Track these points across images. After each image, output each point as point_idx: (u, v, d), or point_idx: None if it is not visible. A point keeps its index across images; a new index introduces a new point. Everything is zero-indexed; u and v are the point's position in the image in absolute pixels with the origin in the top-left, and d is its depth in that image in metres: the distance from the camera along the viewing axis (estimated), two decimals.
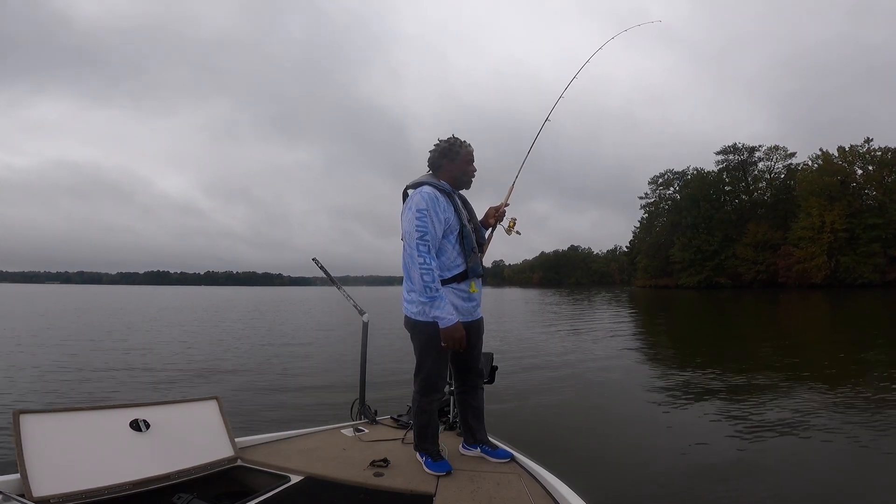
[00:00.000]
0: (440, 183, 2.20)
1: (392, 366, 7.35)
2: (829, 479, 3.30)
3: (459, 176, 2.27)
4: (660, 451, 3.87)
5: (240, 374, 7.20)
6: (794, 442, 4.00)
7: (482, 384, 2.36)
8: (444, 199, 2.15)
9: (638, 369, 7.58)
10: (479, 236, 2.30)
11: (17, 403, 5.15)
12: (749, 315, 19.72)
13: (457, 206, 2.18)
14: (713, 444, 4.02)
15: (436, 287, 1.99)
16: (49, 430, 1.70)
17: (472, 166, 2.30)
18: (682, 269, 61.59)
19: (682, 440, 4.11)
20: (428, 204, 2.05)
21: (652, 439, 4.20)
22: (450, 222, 2.14)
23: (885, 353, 8.39)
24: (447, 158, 2.25)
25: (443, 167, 2.25)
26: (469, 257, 2.15)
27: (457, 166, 2.25)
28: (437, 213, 2.07)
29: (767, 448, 3.86)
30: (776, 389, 5.81)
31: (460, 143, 2.27)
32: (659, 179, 69.57)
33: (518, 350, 9.18)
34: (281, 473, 1.95)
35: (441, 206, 2.11)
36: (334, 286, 3.44)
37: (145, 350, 9.46)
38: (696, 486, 3.20)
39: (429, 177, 2.25)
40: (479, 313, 2.26)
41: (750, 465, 3.54)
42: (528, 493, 1.83)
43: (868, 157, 48.78)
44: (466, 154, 2.27)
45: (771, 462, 3.57)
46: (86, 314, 19.73)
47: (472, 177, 2.31)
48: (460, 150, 2.26)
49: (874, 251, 45.14)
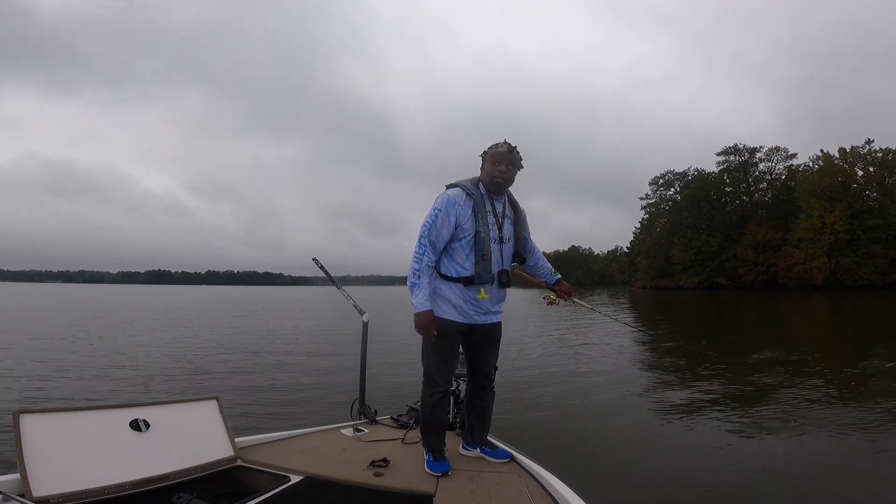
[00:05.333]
0: (469, 186, 2.19)
1: (392, 366, 7.35)
2: (830, 481, 3.29)
3: (487, 177, 2.21)
4: (660, 452, 3.87)
5: (240, 374, 7.20)
6: (795, 443, 3.99)
7: (490, 386, 2.35)
8: (466, 201, 2.15)
9: (638, 370, 7.57)
10: (520, 247, 2.30)
11: (17, 403, 5.15)
12: (749, 317, 19.70)
13: (478, 209, 2.15)
14: (713, 444, 4.02)
15: (418, 276, 2.10)
16: (49, 430, 1.70)
17: (497, 167, 2.17)
18: (682, 270, 61.50)
19: (682, 441, 4.12)
20: (444, 204, 2.13)
21: (652, 440, 4.19)
22: (462, 225, 2.13)
23: (887, 356, 8.38)
24: (483, 158, 2.24)
25: (482, 167, 2.25)
26: (477, 263, 2.14)
27: (485, 167, 2.22)
28: (450, 215, 2.12)
29: (768, 449, 3.86)
30: (776, 390, 5.81)
31: (494, 145, 2.22)
32: (659, 180, 69.53)
33: (517, 350, 9.17)
34: (281, 473, 1.95)
35: (458, 208, 2.13)
36: (334, 286, 3.45)
37: (146, 350, 9.47)
38: (695, 487, 3.19)
39: (472, 178, 2.26)
40: (493, 319, 2.25)
41: (750, 465, 3.53)
42: (528, 493, 1.83)
43: (869, 159, 48.71)
44: (492, 154, 2.20)
45: (771, 463, 3.57)
46: (88, 313, 19.75)
47: (498, 179, 2.18)
48: (488, 151, 2.22)
49: (875, 252, 45.05)
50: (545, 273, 2.48)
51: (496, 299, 2.25)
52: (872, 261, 45.02)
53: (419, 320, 2.09)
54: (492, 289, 2.20)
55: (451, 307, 2.16)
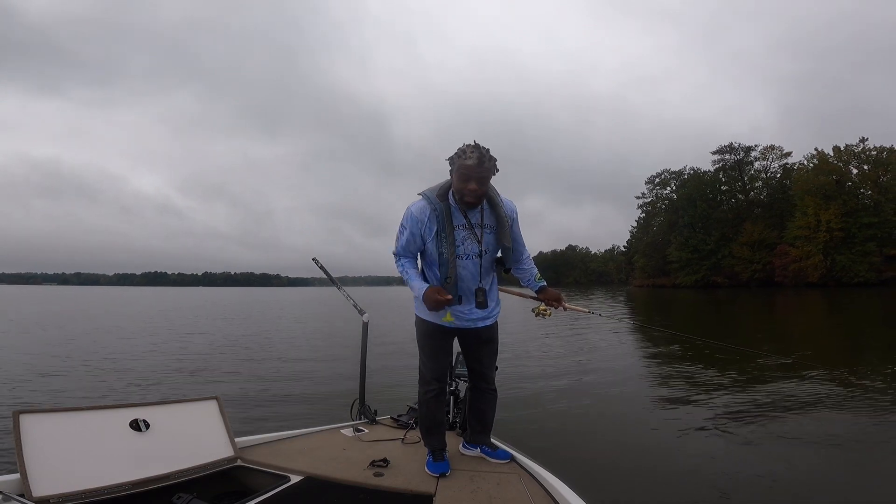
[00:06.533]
0: (434, 199, 1.99)
1: (392, 366, 7.35)
2: (832, 482, 3.30)
3: (457, 193, 1.96)
4: (660, 452, 3.87)
5: (240, 374, 7.18)
6: (795, 444, 4.00)
7: (488, 388, 2.29)
8: (430, 218, 1.99)
9: (637, 371, 7.58)
10: (505, 257, 2.14)
11: (17, 403, 5.13)
12: (745, 315, 19.78)
13: (442, 227, 1.98)
14: (713, 444, 4.03)
15: (406, 274, 2.09)
16: (49, 430, 1.69)
17: (468, 185, 1.89)
18: (679, 269, 61.74)
19: (683, 441, 4.12)
20: (407, 222, 2.05)
21: (652, 440, 4.20)
22: (426, 244, 2.04)
23: (883, 352, 8.44)
24: (451, 165, 1.96)
25: (451, 176, 1.99)
26: (442, 286, 2.02)
27: (454, 181, 1.96)
28: (414, 235, 2.05)
29: (768, 449, 3.87)
30: (777, 391, 5.83)
31: (459, 153, 1.91)
32: (656, 179, 69.83)
33: (517, 351, 9.17)
34: (281, 473, 1.95)
35: (422, 227, 2.02)
36: (334, 286, 3.45)
37: (145, 350, 9.43)
38: (695, 487, 3.20)
39: (446, 182, 2.04)
40: (481, 324, 2.16)
41: (751, 466, 3.55)
42: (528, 493, 1.83)
43: (863, 157, 49.03)
44: (459, 168, 1.90)
45: (771, 463, 3.58)
46: (87, 315, 19.64)
47: (469, 199, 1.92)
48: (455, 160, 1.93)
49: (870, 250, 45.39)
50: (529, 278, 2.30)
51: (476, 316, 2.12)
52: (867, 258, 45.35)
53: (426, 303, 2.00)
54: (462, 308, 2.09)
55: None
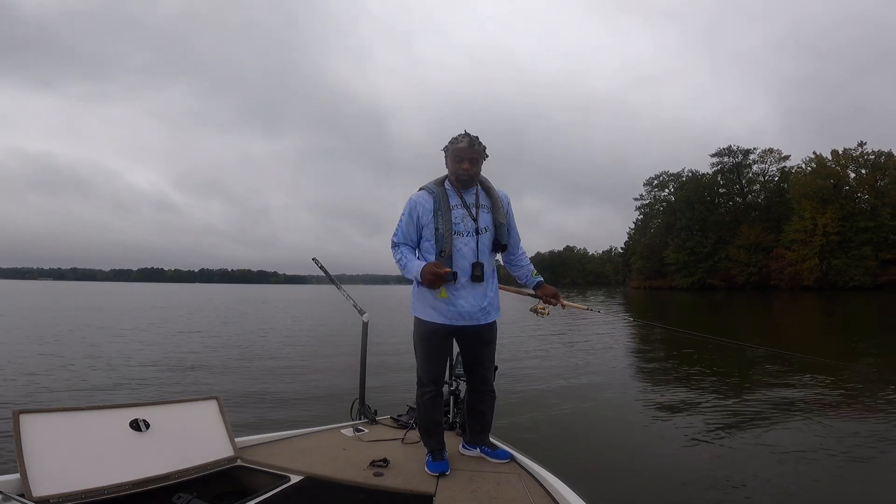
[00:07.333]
0: (432, 186, 2.21)
1: (392, 365, 7.35)
2: (833, 485, 3.32)
3: (452, 174, 2.21)
4: (660, 453, 3.89)
5: (240, 373, 7.17)
6: (795, 445, 4.02)
7: (487, 389, 2.28)
8: (428, 201, 2.17)
9: (637, 372, 7.61)
10: (499, 234, 2.20)
11: (17, 403, 5.11)
12: (741, 318, 19.85)
13: (439, 207, 2.14)
14: (713, 444, 4.05)
15: (402, 262, 2.16)
16: (49, 430, 1.69)
17: (461, 165, 2.15)
18: (676, 271, 61.97)
19: (683, 441, 4.14)
20: (407, 207, 2.20)
21: (652, 440, 4.22)
22: (426, 224, 2.16)
23: (876, 355, 8.49)
24: (445, 153, 2.23)
25: (446, 163, 2.24)
26: (437, 260, 2.10)
27: (449, 164, 2.22)
28: (413, 217, 2.18)
29: (768, 450, 3.89)
30: (777, 390, 5.86)
31: (452, 140, 2.20)
32: (654, 181, 70.01)
33: (516, 351, 9.19)
34: (281, 473, 1.95)
35: (420, 209, 2.17)
36: (333, 285, 3.44)
37: (145, 349, 9.40)
38: (695, 487, 3.22)
39: (439, 178, 2.27)
40: (481, 321, 2.15)
41: (751, 466, 3.57)
42: (528, 493, 1.84)
43: (861, 161, 49.26)
44: (453, 151, 2.18)
45: (771, 465, 3.60)
46: (86, 312, 19.55)
47: (463, 177, 2.16)
48: (449, 146, 2.21)
49: (865, 254, 45.53)
50: (526, 273, 2.39)
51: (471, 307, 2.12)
52: (863, 262, 45.50)
53: (425, 278, 2.04)
54: (458, 286, 2.11)
55: (430, 309, 2.14)
